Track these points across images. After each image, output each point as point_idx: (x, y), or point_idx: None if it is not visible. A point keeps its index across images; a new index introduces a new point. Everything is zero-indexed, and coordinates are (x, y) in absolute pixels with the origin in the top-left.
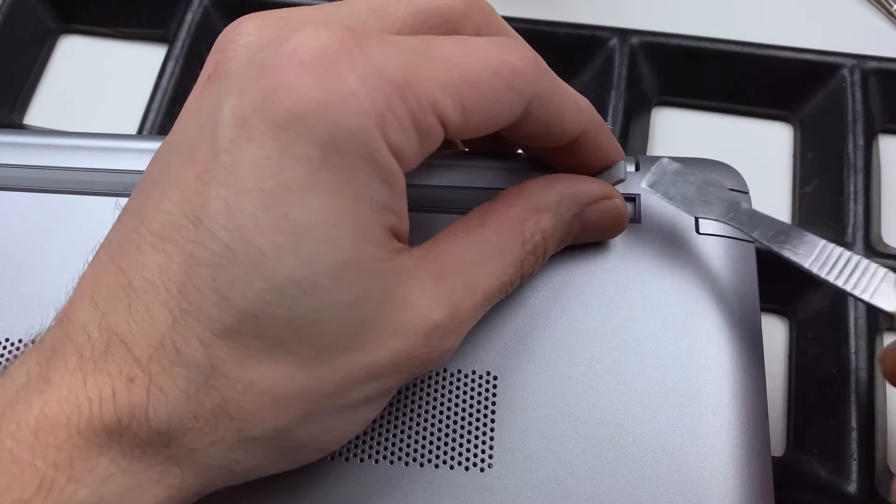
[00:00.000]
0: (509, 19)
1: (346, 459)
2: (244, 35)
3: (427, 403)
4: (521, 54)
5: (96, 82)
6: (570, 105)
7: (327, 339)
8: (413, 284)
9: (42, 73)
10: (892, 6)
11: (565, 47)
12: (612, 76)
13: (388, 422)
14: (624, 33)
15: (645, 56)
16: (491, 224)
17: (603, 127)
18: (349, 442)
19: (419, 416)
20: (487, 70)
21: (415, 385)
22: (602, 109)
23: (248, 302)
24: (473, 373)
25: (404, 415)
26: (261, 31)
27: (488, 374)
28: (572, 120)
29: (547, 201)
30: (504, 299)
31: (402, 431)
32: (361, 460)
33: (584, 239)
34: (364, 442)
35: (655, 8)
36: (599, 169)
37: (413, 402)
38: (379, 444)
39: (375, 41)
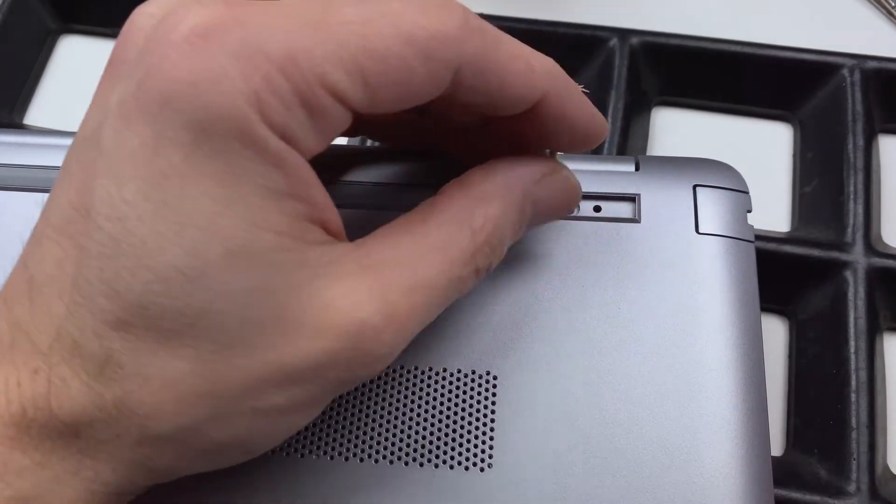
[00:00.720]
0: (509, 19)
1: (346, 459)
2: (143, 16)
3: (427, 403)
4: (446, 14)
5: (96, 82)
6: (519, 68)
7: (227, 334)
8: (334, 279)
9: (42, 73)
10: (892, 6)
11: (565, 47)
12: (611, 76)
13: (388, 422)
14: (624, 33)
15: (645, 56)
16: (433, 219)
17: (571, 90)
18: (349, 441)
19: (419, 416)
20: (397, 38)
21: (415, 385)
22: (602, 109)
23: (135, 293)
24: (473, 373)
25: (404, 415)
26: (159, 9)
27: (488, 374)
28: (522, 85)
29: (491, 188)
30: (503, 299)
31: (402, 431)
32: (361, 460)
33: (541, 220)
34: (364, 442)
35: (655, 8)
36: (576, 142)
37: (413, 402)
38: (379, 444)
39: (260, 14)
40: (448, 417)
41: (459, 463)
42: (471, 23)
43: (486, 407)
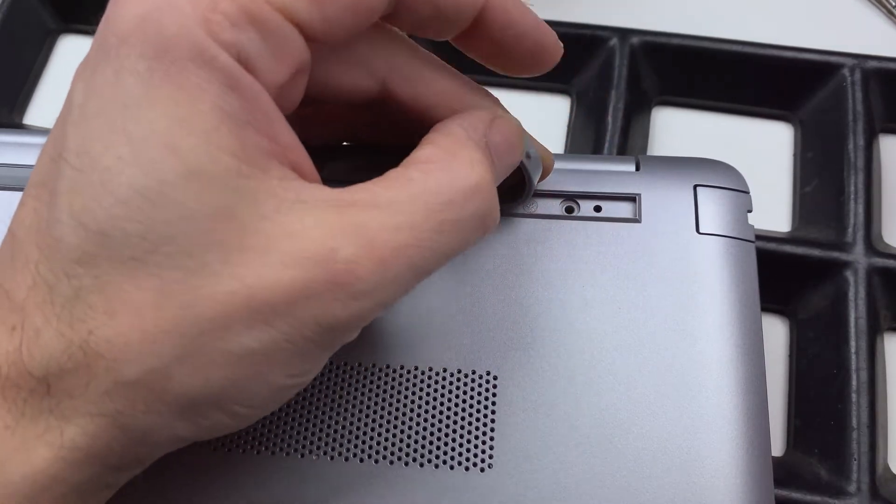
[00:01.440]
0: None
1: (346, 459)
2: None
3: (427, 403)
4: None
5: None
6: None
7: (190, 260)
8: (303, 213)
9: (42, 73)
10: (892, 6)
11: (565, 47)
12: (612, 76)
13: (388, 422)
14: (624, 33)
15: (645, 56)
16: (415, 168)
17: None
18: (349, 441)
19: (419, 416)
20: None
21: (415, 385)
22: (602, 109)
23: (98, 221)
24: (473, 373)
25: (404, 415)
26: None
27: (488, 374)
28: None
29: (458, 139)
30: (504, 299)
31: (402, 431)
32: (361, 460)
33: (503, 170)
34: (364, 442)
35: (655, 8)
36: (530, 55)
37: (413, 401)
38: (379, 444)
39: None
40: (448, 417)
41: (459, 463)
42: None
43: (486, 407)
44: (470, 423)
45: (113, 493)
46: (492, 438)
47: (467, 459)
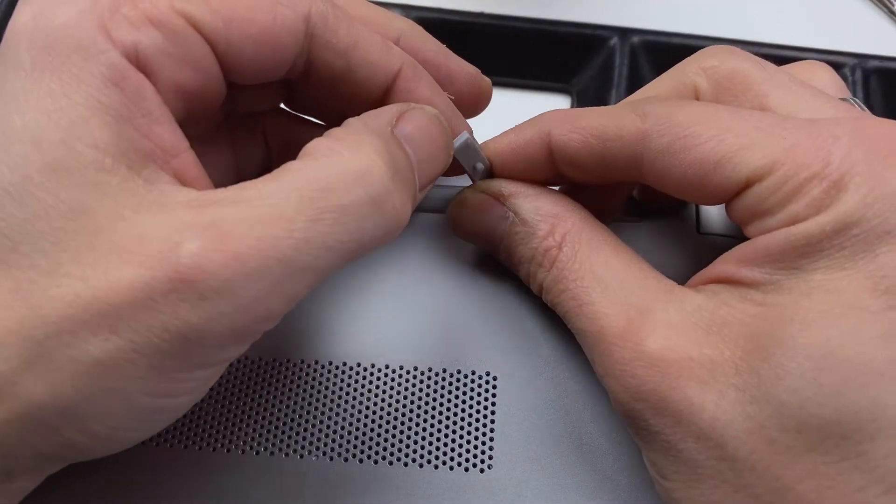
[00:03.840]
0: (510, 18)
1: (346, 460)
2: None
3: (427, 403)
4: None
5: None
6: (373, 39)
7: (45, 259)
8: (161, 213)
9: None
10: (893, 6)
11: (566, 46)
12: (612, 75)
13: (388, 422)
14: (625, 32)
15: (646, 55)
16: (300, 158)
17: (423, 74)
18: (349, 442)
19: (419, 416)
20: None
21: (415, 385)
22: None
23: None
24: (473, 373)
25: (404, 415)
26: None
27: (488, 374)
28: (376, 52)
29: (363, 123)
30: (504, 300)
31: (402, 432)
32: (361, 461)
33: (429, 163)
34: (364, 442)
35: (656, 7)
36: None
37: (413, 402)
38: (379, 444)
39: None
40: (448, 417)
41: (459, 463)
42: None
43: (486, 407)
44: (470, 424)
45: None
46: (492, 439)
47: (467, 460)
